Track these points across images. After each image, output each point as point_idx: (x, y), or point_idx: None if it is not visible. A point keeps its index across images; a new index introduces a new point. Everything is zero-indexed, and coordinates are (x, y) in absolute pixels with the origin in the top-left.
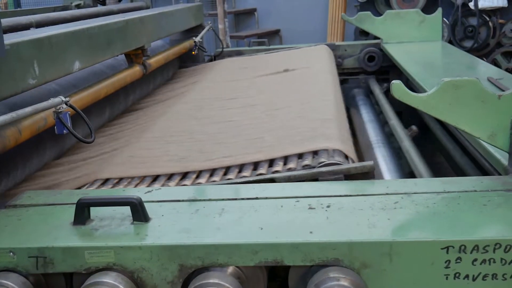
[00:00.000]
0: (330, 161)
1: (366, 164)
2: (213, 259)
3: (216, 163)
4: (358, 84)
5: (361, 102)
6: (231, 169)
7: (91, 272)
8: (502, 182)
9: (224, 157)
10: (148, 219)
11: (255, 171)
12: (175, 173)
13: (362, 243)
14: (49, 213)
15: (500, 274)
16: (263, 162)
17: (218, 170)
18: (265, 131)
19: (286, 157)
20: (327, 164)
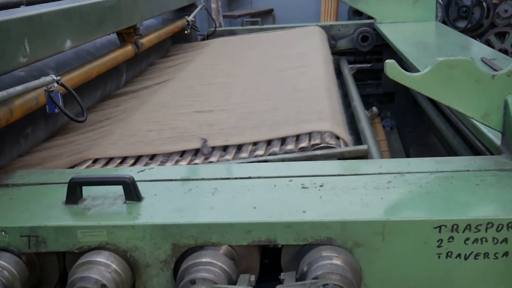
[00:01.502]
0: (323, 144)
1: (360, 148)
2: (206, 238)
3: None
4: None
5: None
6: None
7: (83, 251)
8: (495, 162)
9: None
10: (140, 198)
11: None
12: (169, 152)
13: (355, 222)
14: (41, 192)
15: (492, 253)
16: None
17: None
18: (256, 113)
19: (280, 139)
20: (321, 147)
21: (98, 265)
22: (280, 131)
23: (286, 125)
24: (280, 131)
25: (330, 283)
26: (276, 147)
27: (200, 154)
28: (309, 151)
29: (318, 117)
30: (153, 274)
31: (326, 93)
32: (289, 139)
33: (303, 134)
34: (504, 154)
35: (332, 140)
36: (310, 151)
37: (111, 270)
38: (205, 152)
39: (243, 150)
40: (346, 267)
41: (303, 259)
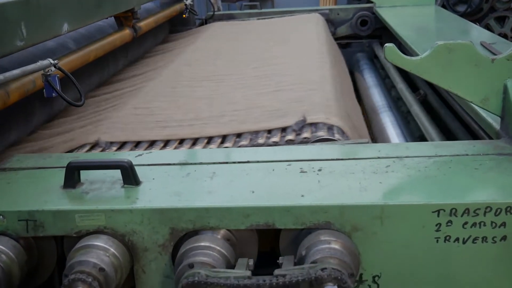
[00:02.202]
0: (325, 136)
1: (361, 142)
2: (204, 223)
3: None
4: (362, 48)
5: (365, 66)
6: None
7: (81, 236)
8: (494, 146)
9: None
10: (139, 182)
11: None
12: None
13: (354, 206)
14: (39, 176)
15: (490, 237)
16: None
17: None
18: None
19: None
20: (322, 140)
21: (96, 249)
22: (280, 121)
23: (286, 115)
24: (280, 121)
25: (329, 267)
26: (276, 137)
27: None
28: (309, 144)
29: (319, 108)
30: (151, 258)
31: (329, 83)
32: (289, 130)
33: (304, 125)
34: (503, 138)
35: (326, 131)
36: (310, 143)
37: (109, 254)
38: None
39: (242, 138)
40: (345, 251)
41: (301, 243)
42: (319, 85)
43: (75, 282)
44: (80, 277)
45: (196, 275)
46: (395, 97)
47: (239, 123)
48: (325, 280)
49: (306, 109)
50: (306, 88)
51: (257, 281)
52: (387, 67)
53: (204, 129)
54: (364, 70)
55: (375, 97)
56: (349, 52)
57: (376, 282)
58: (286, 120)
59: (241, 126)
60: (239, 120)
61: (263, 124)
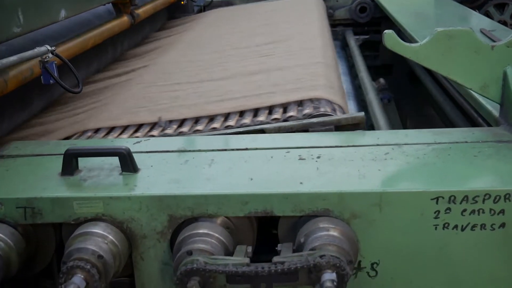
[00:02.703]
0: (320, 111)
1: (357, 115)
2: (203, 210)
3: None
4: (336, 36)
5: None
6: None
7: (80, 223)
8: (493, 133)
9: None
10: (137, 169)
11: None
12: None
13: (352, 193)
14: (37, 163)
15: (489, 224)
16: (249, 112)
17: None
18: (252, 81)
19: (275, 106)
20: (318, 115)
21: (94, 236)
22: (276, 99)
23: (283, 93)
24: (276, 99)
25: (327, 254)
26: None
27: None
28: (305, 119)
29: (315, 85)
30: (149, 245)
31: (323, 62)
32: (287, 107)
33: (303, 101)
34: (502, 125)
35: (328, 107)
36: (307, 118)
37: (108, 241)
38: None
39: (244, 117)
40: (343, 238)
41: (300, 230)
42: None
43: (73, 269)
44: (79, 264)
45: (194, 262)
46: (357, 85)
47: (241, 101)
48: (323, 267)
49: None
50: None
51: (255, 268)
52: (354, 55)
53: (206, 107)
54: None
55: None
56: None
57: (375, 269)
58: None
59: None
60: (241, 98)
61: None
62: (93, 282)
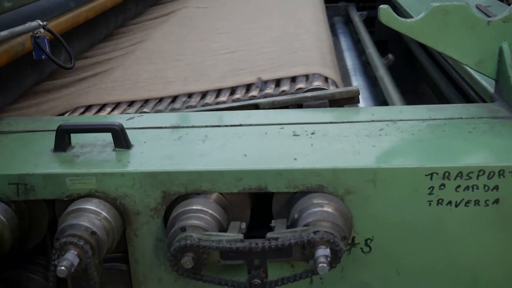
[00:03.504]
0: (314, 85)
1: (351, 89)
2: (196, 186)
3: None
4: (338, 12)
5: (340, 30)
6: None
7: (73, 199)
8: (488, 109)
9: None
10: (130, 145)
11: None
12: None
13: (347, 169)
14: (29, 140)
15: (483, 200)
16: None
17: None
18: (245, 57)
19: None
20: (311, 89)
21: (88, 212)
22: (270, 74)
23: (276, 68)
24: (270, 74)
25: (321, 230)
26: (270, 89)
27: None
28: (299, 93)
29: (308, 60)
30: (143, 222)
31: (316, 37)
32: (280, 82)
33: (294, 77)
34: (497, 101)
35: (322, 81)
36: (301, 93)
37: (101, 217)
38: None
39: (236, 93)
40: (337, 214)
41: (294, 207)
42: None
43: (66, 245)
44: (72, 241)
45: (188, 238)
46: (365, 61)
47: (233, 76)
48: (317, 243)
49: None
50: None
51: (249, 244)
52: (359, 31)
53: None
54: (340, 34)
55: (347, 61)
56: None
57: (369, 245)
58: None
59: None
60: (232, 74)
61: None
62: (86, 258)
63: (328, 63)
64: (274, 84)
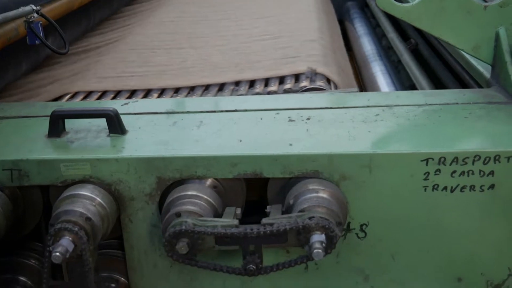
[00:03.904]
0: (312, 85)
1: (350, 91)
2: (191, 172)
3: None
4: None
5: (356, 15)
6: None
7: (67, 185)
8: (484, 94)
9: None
10: (124, 131)
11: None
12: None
13: (342, 155)
14: (23, 125)
15: (478, 186)
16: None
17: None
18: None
19: (267, 79)
20: (312, 89)
21: (82, 198)
22: (269, 72)
23: (276, 66)
24: (269, 72)
25: (316, 216)
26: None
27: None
28: (300, 93)
29: (308, 58)
30: (138, 208)
31: (317, 34)
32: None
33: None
34: (493, 87)
35: (322, 82)
36: (299, 92)
37: (95, 203)
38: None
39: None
40: (332, 200)
41: (289, 192)
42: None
43: (61, 231)
44: (66, 227)
45: (183, 224)
46: (385, 46)
47: (236, 73)
48: (312, 229)
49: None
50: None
51: (244, 229)
52: (378, 16)
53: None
54: (355, 19)
55: (366, 47)
56: (339, 1)
57: (364, 231)
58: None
59: (237, 76)
60: (236, 70)
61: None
62: (81, 244)
63: (330, 62)
64: (277, 81)
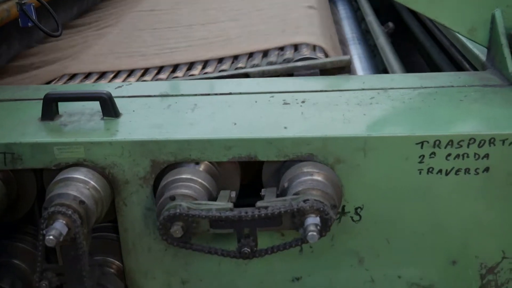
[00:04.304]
0: (305, 55)
1: (342, 59)
2: (186, 155)
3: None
4: None
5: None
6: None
7: (61, 168)
8: (480, 77)
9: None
10: (118, 114)
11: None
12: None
13: (337, 138)
14: (16, 108)
15: (473, 169)
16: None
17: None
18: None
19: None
20: (303, 59)
21: (76, 182)
22: (261, 44)
23: (267, 38)
24: (261, 44)
25: (311, 199)
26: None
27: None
28: (290, 63)
29: (300, 29)
30: (132, 191)
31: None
32: (271, 52)
33: (286, 46)
34: (488, 69)
35: (310, 50)
36: (292, 62)
37: (89, 187)
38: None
39: (224, 62)
40: (327, 183)
41: (284, 175)
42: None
43: (55, 214)
44: (60, 210)
45: (177, 207)
46: (364, 29)
47: (220, 47)
48: (307, 212)
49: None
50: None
51: (239, 213)
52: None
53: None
54: (338, 1)
55: (345, 29)
56: None
57: (359, 214)
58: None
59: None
60: (221, 44)
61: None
62: (74, 227)
63: (317, 33)
64: (261, 54)
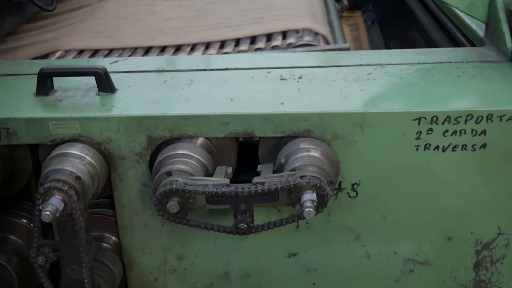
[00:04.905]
0: (304, 41)
1: (342, 46)
2: (182, 130)
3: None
4: None
5: None
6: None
7: (56, 144)
8: (478, 53)
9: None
10: (114, 90)
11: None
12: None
13: (334, 114)
14: (10, 83)
15: (470, 145)
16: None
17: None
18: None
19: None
20: (301, 45)
21: (72, 157)
22: (260, 28)
23: (266, 23)
24: (260, 28)
25: (308, 175)
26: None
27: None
28: (289, 49)
29: (298, 15)
30: (128, 167)
31: None
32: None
33: (284, 32)
34: (487, 45)
35: (312, 37)
36: (290, 48)
37: (85, 162)
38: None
39: (225, 46)
40: (324, 159)
41: (280, 151)
42: None
43: (51, 190)
44: (56, 186)
45: (174, 182)
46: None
47: (224, 31)
48: (304, 188)
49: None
50: None
51: (235, 188)
52: None
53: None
54: None
55: None
56: None
57: (355, 190)
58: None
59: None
60: (223, 28)
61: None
62: (71, 203)
63: (318, 19)
64: (265, 38)
